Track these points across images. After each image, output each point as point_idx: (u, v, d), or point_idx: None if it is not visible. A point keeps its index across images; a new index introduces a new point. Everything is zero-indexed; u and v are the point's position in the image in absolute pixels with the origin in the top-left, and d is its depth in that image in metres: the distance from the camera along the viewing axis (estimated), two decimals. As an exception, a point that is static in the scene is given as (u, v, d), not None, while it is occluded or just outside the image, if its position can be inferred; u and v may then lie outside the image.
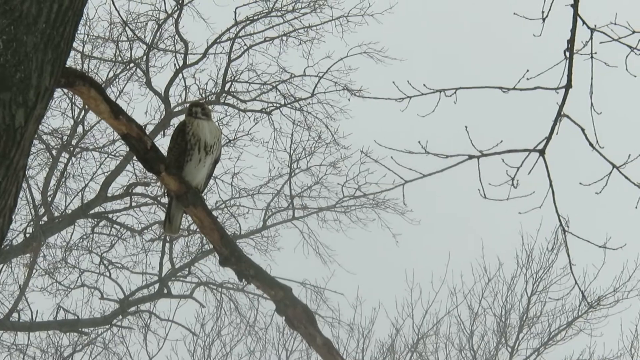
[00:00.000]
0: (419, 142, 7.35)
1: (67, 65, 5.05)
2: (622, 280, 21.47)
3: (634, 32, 7.00)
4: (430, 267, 22.37)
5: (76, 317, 19.22)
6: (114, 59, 19.49)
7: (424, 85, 7.49)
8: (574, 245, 7.53)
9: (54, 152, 19.34)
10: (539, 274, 22.37)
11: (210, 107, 8.03)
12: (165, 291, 19.77)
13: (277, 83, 19.80)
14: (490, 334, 22.49)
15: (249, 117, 19.79)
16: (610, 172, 7.21)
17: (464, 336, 22.57)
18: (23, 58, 4.57)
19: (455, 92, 7.44)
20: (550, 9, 7.14)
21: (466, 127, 7.23)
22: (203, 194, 6.84)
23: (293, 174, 20.29)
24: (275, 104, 19.88)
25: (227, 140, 19.22)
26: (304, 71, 19.70)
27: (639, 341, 21.44)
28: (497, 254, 22.44)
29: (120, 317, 19.62)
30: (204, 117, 6.79)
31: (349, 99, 19.35)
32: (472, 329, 22.50)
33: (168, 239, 19.56)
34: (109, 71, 19.49)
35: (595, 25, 7.08)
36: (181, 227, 7.17)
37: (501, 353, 22.44)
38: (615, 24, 7.00)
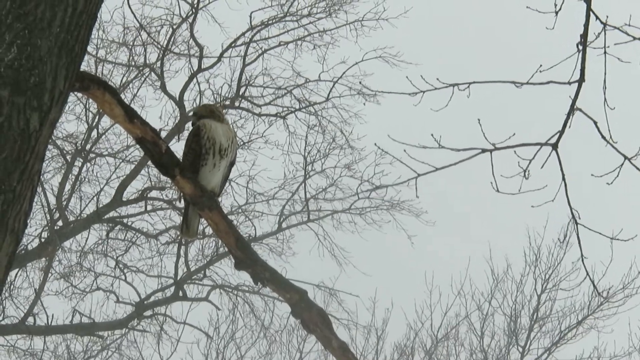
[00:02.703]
0: (432, 135, 7.35)
1: (81, 69, 5.04)
2: (630, 276, 21.51)
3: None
4: (442, 267, 22.45)
5: (92, 321, 19.25)
6: (128, 64, 19.52)
7: (437, 79, 7.49)
8: (584, 240, 7.51)
9: (68, 157, 19.39)
10: (548, 273, 22.43)
11: (225, 111, 7.98)
12: (181, 294, 19.78)
13: (291, 87, 19.83)
14: (501, 334, 22.54)
15: (264, 121, 19.83)
16: (622, 164, 7.20)
17: (474, 337, 22.63)
18: (37, 62, 4.56)
19: (468, 87, 7.44)
20: (563, 3, 7.13)
21: (479, 119, 7.24)
22: (219, 198, 6.82)
23: (308, 176, 20.30)
24: (290, 108, 19.90)
25: (242, 143, 19.24)
26: (319, 76, 19.74)
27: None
28: (505, 253, 22.55)
29: (136, 320, 19.65)
30: (207, 117, 6.78)
31: (364, 103, 19.37)
32: (483, 330, 22.55)
33: (183, 242, 19.58)
34: (122, 76, 19.54)
35: (607, 19, 7.06)
36: (198, 230, 7.15)
37: (512, 353, 22.47)
38: (629, 25, 6.99)
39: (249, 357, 22.02)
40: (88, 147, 19.57)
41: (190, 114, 18.53)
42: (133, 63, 19.55)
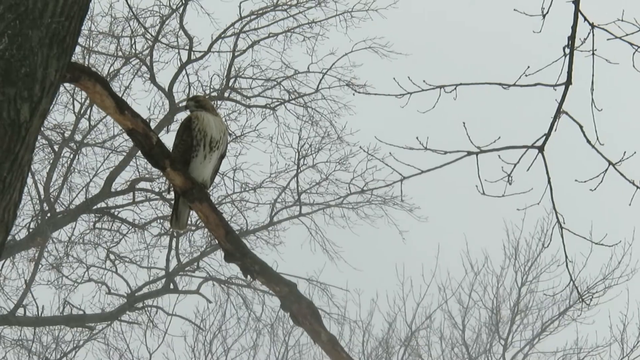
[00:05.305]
0: (417, 138, 7.37)
1: (72, 60, 5.03)
2: (610, 267, 21.72)
3: (640, 29, 6.97)
4: (432, 262, 22.58)
5: (82, 312, 19.26)
6: (116, 54, 19.49)
7: (424, 81, 7.48)
8: (559, 236, 7.53)
9: (56, 147, 19.36)
10: (527, 265, 22.66)
11: (215, 102, 7.99)
12: (172, 286, 19.78)
13: (281, 79, 19.83)
14: (482, 328, 22.71)
15: (255, 114, 19.83)
16: (607, 169, 7.19)
17: (456, 331, 22.77)
18: (28, 53, 4.57)
19: (455, 89, 7.43)
20: (550, 6, 7.12)
21: (464, 123, 7.25)
22: (209, 190, 6.82)
23: (300, 170, 20.28)
24: (279, 100, 19.90)
25: (234, 137, 19.22)
26: (308, 67, 19.76)
27: (627, 332, 21.70)
28: (485, 247, 22.70)
29: (128, 312, 19.65)
30: (199, 109, 6.78)
31: (353, 94, 19.37)
32: (464, 323, 22.70)
33: (175, 234, 19.57)
34: (110, 67, 19.50)
35: (593, 22, 7.05)
36: (188, 222, 7.14)
37: (494, 346, 22.64)
38: (622, 20, 6.98)
39: (237, 350, 22.11)
40: (76, 137, 19.55)
41: (183, 104, 18.54)
42: (122, 54, 19.51)
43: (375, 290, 22.39)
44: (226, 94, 19.78)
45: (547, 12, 7.17)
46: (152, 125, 17.62)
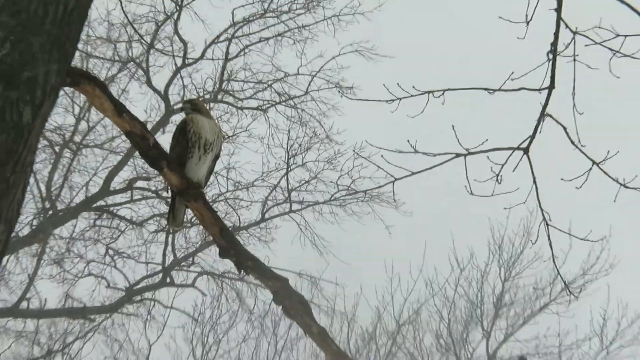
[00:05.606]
0: (408, 141, 7.50)
1: (71, 65, 5.12)
2: (589, 263, 21.95)
3: (617, 35, 7.11)
4: (420, 259, 22.76)
5: (83, 305, 19.50)
6: (113, 59, 19.67)
7: (413, 87, 7.61)
8: (543, 233, 7.66)
9: (56, 148, 19.56)
10: (511, 261, 22.88)
11: (208, 105, 8.12)
12: (169, 280, 20.01)
13: (271, 82, 20.09)
14: (466, 320, 22.89)
15: (246, 115, 20.06)
16: (590, 168, 7.32)
17: (441, 324, 22.96)
18: (30, 58, 4.66)
19: (443, 94, 7.56)
20: (533, 14, 7.27)
21: (453, 126, 7.38)
22: (204, 189, 6.96)
23: (290, 169, 20.53)
24: (270, 102, 20.15)
25: (226, 137, 19.41)
26: (298, 70, 20.01)
27: (607, 327, 21.90)
28: (471, 244, 22.89)
29: (126, 305, 19.91)
30: (195, 112, 6.90)
31: (341, 96, 19.62)
32: (450, 316, 22.88)
33: (171, 231, 19.76)
34: (107, 71, 19.68)
35: (576, 28, 7.21)
36: (184, 220, 7.29)
37: (477, 336, 22.87)
38: (599, 27, 7.13)
39: (232, 341, 22.24)
40: (76, 139, 19.75)
41: (179, 106, 18.76)
42: (119, 59, 19.71)
43: (363, 284, 22.59)
44: (219, 97, 20.01)
45: (531, 20, 7.33)
46: (149, 127, 17.94)
